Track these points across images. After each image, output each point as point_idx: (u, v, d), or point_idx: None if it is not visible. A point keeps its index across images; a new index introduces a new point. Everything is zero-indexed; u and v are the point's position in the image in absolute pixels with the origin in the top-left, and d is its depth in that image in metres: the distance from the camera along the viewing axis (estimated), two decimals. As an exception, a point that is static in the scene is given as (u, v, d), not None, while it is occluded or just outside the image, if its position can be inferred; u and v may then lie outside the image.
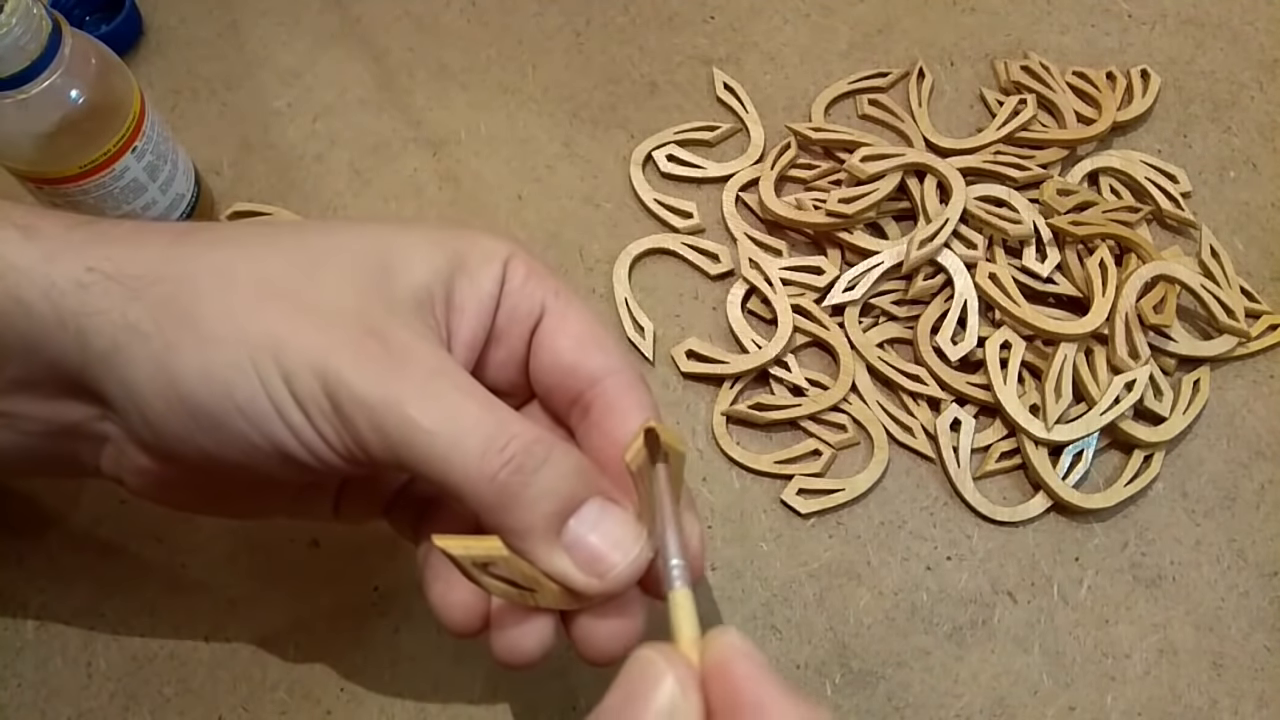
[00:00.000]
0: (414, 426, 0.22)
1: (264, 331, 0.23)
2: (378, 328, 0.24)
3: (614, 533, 0.24)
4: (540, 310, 0.27)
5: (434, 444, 0.22)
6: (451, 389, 0.23)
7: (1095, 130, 0.44)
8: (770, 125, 0.46)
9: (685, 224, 0.44)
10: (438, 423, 0.23)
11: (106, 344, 0.24)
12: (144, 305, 0.24)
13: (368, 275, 0.25)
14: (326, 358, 0.23)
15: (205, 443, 0.24)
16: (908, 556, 0.37)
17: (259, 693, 0.35)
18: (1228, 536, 0.38)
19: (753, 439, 0.40)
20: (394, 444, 0.23)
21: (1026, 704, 0.35)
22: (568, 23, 0.50)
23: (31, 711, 0.35)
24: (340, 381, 0.23)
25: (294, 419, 0.23)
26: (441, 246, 0.26)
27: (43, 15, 0.33)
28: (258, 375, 0.23)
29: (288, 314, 0.24)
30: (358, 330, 0.24)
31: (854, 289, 0.41)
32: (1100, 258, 0.41)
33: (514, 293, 0.27)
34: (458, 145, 0.46)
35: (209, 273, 0.24)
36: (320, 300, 0.24)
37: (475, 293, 0.26)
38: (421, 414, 0.22)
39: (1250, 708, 0.35)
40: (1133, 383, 0.38)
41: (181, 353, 0.23)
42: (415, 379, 0.23)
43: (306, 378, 0.23)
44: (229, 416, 0.23)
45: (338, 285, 0.24)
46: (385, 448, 0.23)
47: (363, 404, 0.23)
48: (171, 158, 0.40)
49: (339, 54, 0.49)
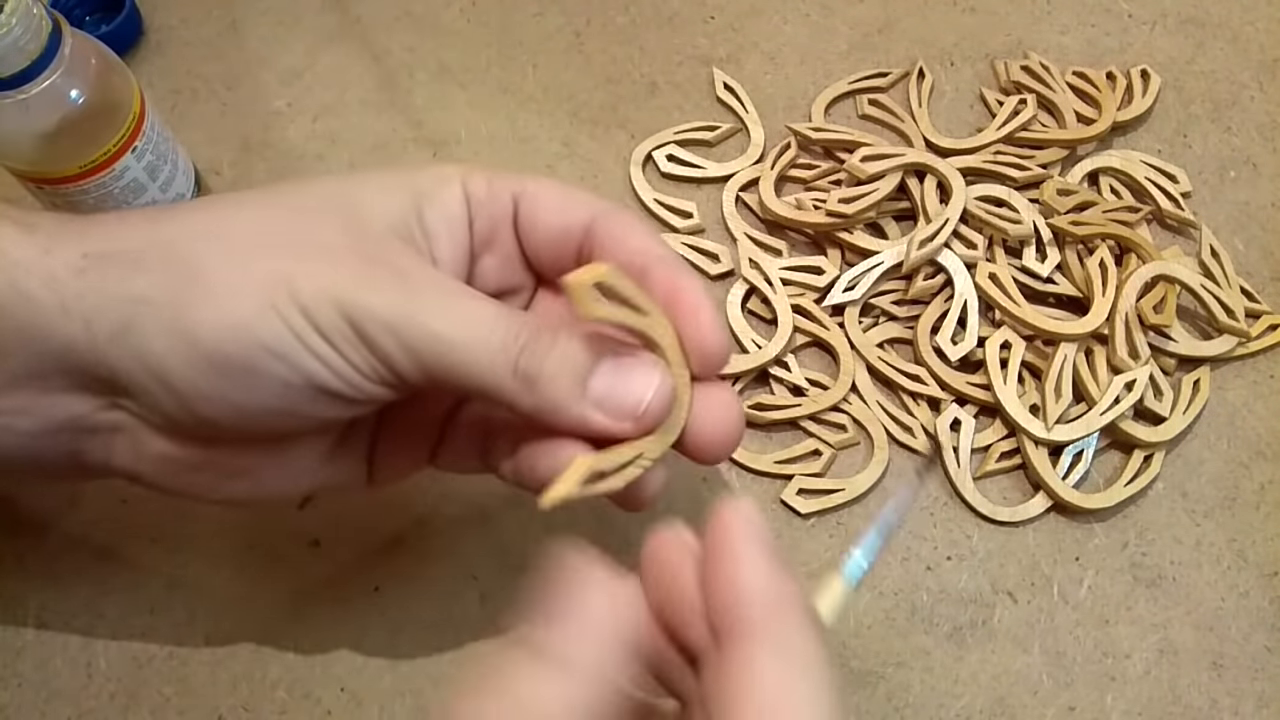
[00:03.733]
0: (436, 338, 0.24)
1: (272, 272, 0.24)
2: (376, 256, 0.25)
3: (631, 377, 0.26)
4: (514, 204, 0.29)
5: (457, 350, 0.24)
6: (460, 298, 0.25)
7: (1095, 130, 0.44)
8: (770, 125, 0.46)
9: (685, 224, 0.44)
10: (458, 330, 0.24)
11: (115, 323, 0.24)
12: (146, 277, 0.24)
13: (346, 218, 0.26)
14: (340, 286, 0.24)
15: (237, 396, 0.24)
16: (908, 556, 0.37)
17: (259, 693, 0.35)
18: (1228, 536, 0.38)
19: (753, 439, 0.40)
20: (421, 357, 0.24)
21: (1026, 704, 0.35)
22: (568, 23, 0.50)
23: (31, 711, 0.35)
24: (358, 306, 0.24)
25: (321, 350, 0.24)
26: (399, 186, 0.28)
27: (43, 15, 0.33)
28: (278, 313, 0.24)
29: (289, 254, 0.25)
30: (359, 260, 0.25)
31: (854, 289, 0.41)
32: (1100, 258, 0.41)
33: (483, 202, 0.28)
34: (458, 145, 0.46)
35: (201, 235, 0.25)
36: (314, 239, 0.25)
37: (444, 215, 0.28)
38: (442, 325, 0.24)
39: (1250, 708, 0.35)
40: (1133, 383, 0.38)
41: (196, 311, 0.24)
42: (427, 295, 0.25)
43: (325, 308, 0.24)
44: (259, 359, 0.24)
45: (324, 228, 0.26)
46: (413, 363, 0.24)
47: (385, 324, 0.24)
48: (171, 158, 0.40)
49: (339, 54, 0.49)
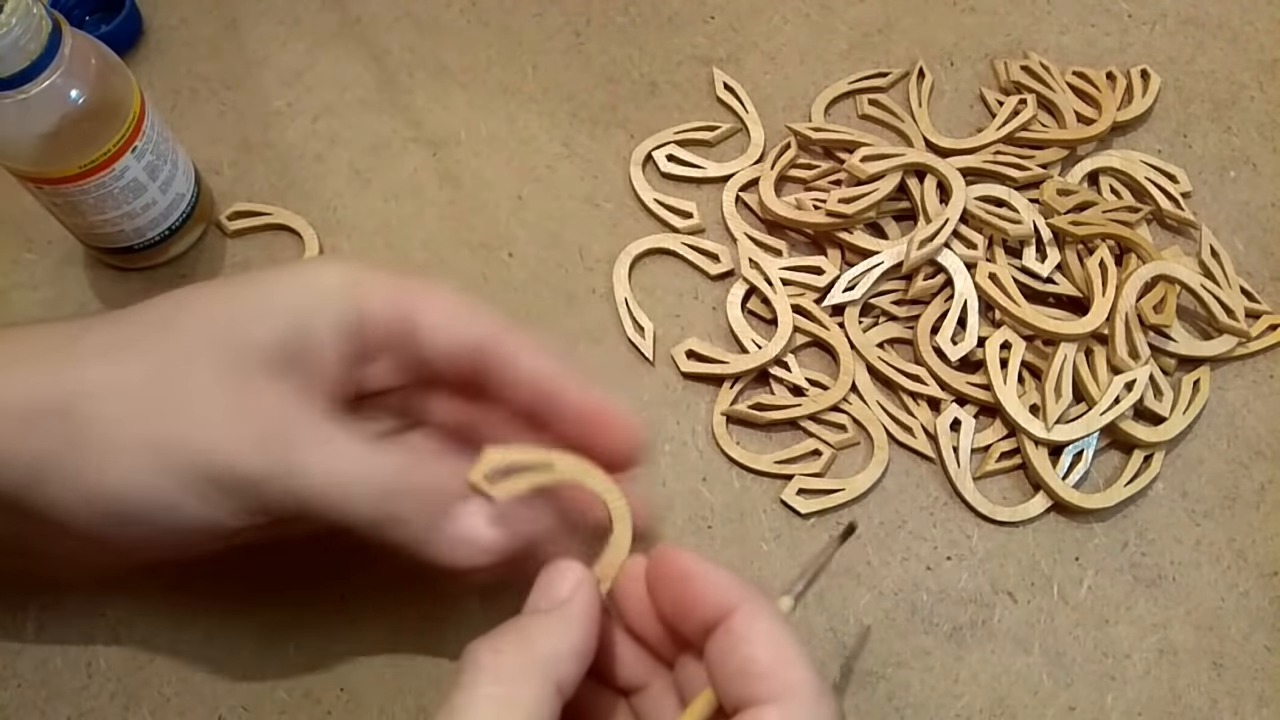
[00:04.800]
0: (309, 489, 0.27)
1: (153, 440, 0.27)
2: (248, 406, 0.27)
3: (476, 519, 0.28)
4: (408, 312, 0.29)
5: (328, 496, 0.27)
6: (325, 444, 0.27)
7: (1095, 130, 0.44)
8: (770, 125, 0.46)
9: (685, 224, 0.44)
10: (327, 479, 0.27)
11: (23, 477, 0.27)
12: (44, 440, 0.27)
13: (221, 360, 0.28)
14: (211, 451, 0.26)
15: (137, 534, 0.28)
16: (908, 556, 0.37)
17: (259, 693, 0.35)
18: (1228, 536, 0.38)
19: (753, 439, 0.40)
20: (296, 503, 0.27)
21: (1026, 704, 0.35)
22: (568, 23, 0.50)
23: (31, 711, 0.35)
24: (235, 467, 0.26)
25: (201, 511, 0.27)
26: (283, 300, 0.29)
27: (43, 15, 0.33)
28: (160, 479, 0.26)
29: (167, 419, 0.27)
30: (233, 416, 0.27)
31: (854, 289, 0.41)
32: (1100, 258, 0.41)
33: (378, 309, 0.29)
34: (458, 145, 0.46)
35: (89, 398, 0.27)
36: (189, 399, 0.27)
37: (333, 323, 0.28)
38: (312, 475, 0.27)
39: (1250, 708, 0.35)
40: (1133, 383, 0.38)
41: (93, 473, 0.27)
42: (297, 448, 0.27)
43: (201, 473, 0.26)
44: (152, 514, 0.27)
45: (200, 381, 0.27)
46: (282, 507, 0.27)
47: (261, 481, 0.27)
48: (171, 158, 0.40)
49: (339, 54, 0.49)
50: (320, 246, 0.43)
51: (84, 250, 0.43)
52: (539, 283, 0.43)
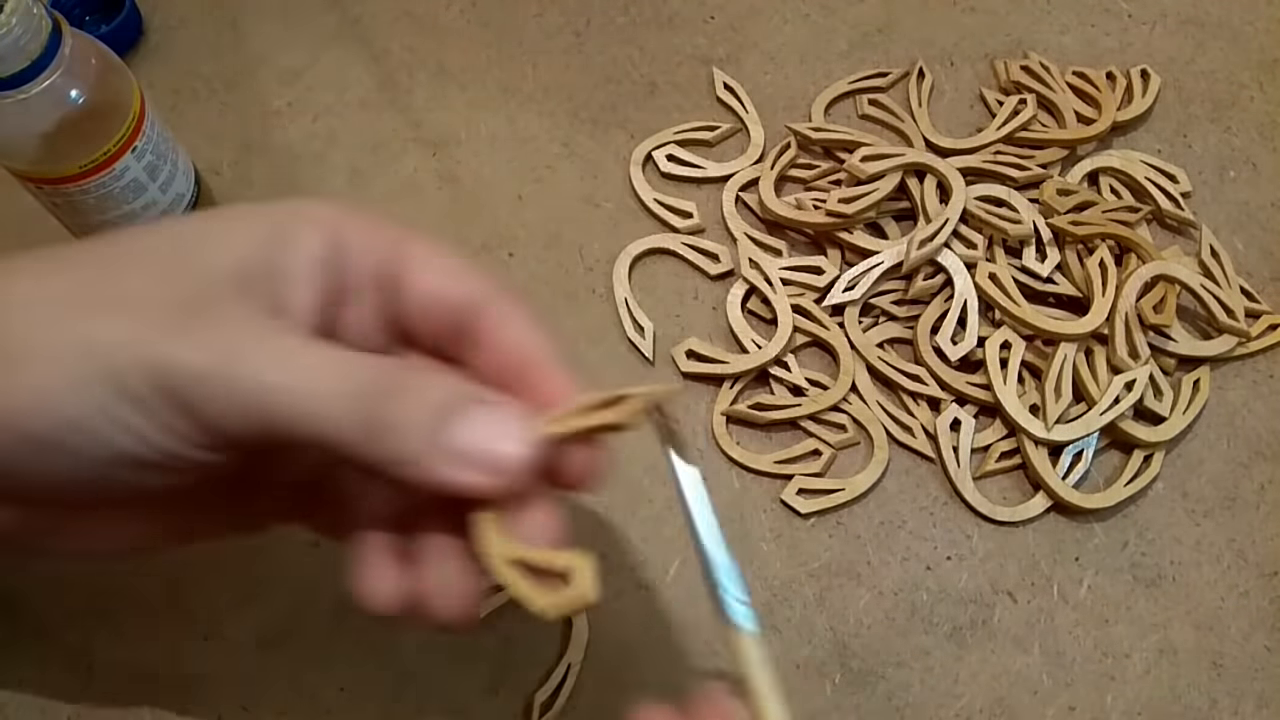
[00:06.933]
0: (265, 389, 0.21)
1: (78, 339, 0.22)
2: (196, 306, 0.23)
3: (497, 426, 0.23)
4: (394, 258, 0.26)
5: (289, 399, 0.21)
6: (295, 345, 0.22)
7: (1095, 130, 0.44)
8: (770, 125, 0.46)
9: (685, 224, 0.44)
10: (287, 376, 0.22)
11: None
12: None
13: (175, 264, 0.23)
14: (149, 344, 0.22)
15: (48, 469, 0.22)
16: (908, 556, 0.37)
17: (259, 693, 0.35)
18: (1228, 536, 0.38)
19: (753, 439, 0.40)
20: (248, 413, 0.21)
21: (1026, 704, 0.35)
22: (568, 23, 0.50)
23: (31, 711, 0.35)
24: (173, 365, 0.21)
25: (134, 422, 0.22)
26: (254, 222, 0.25)
27: (43, 15, 0.33)
28: (82, 386, 0.21)
29: (98, 314, 0.22)
30: (177, 313, 0.22)
31: (854, 289, 0.41)
32: (1100, 258, 0.41)
33: (357, 250, 0.26)
34: (458, 145, 0.46)
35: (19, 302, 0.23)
36: (127, 295, 0.23)
37: (300, 258, 0.25)
38: (267, 372, 0.21)
39: (1250, 708, 0.35)
40: (1133, 383, 0.38)
41: (5, 384, 0.22)
42: (252, 343, 0.22)
43: (135, 373, 0.21)
44: (65, 435, 0.22)
45: (143, 279, 0.23)
46: (241, 420, 0.22)
47: (204, 382, 0.21)
48: (171, 158, 0.40)
49: (339, 54, 0.49)
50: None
51: (84, 250, 0.43)
52: (539, 283, 0.43)
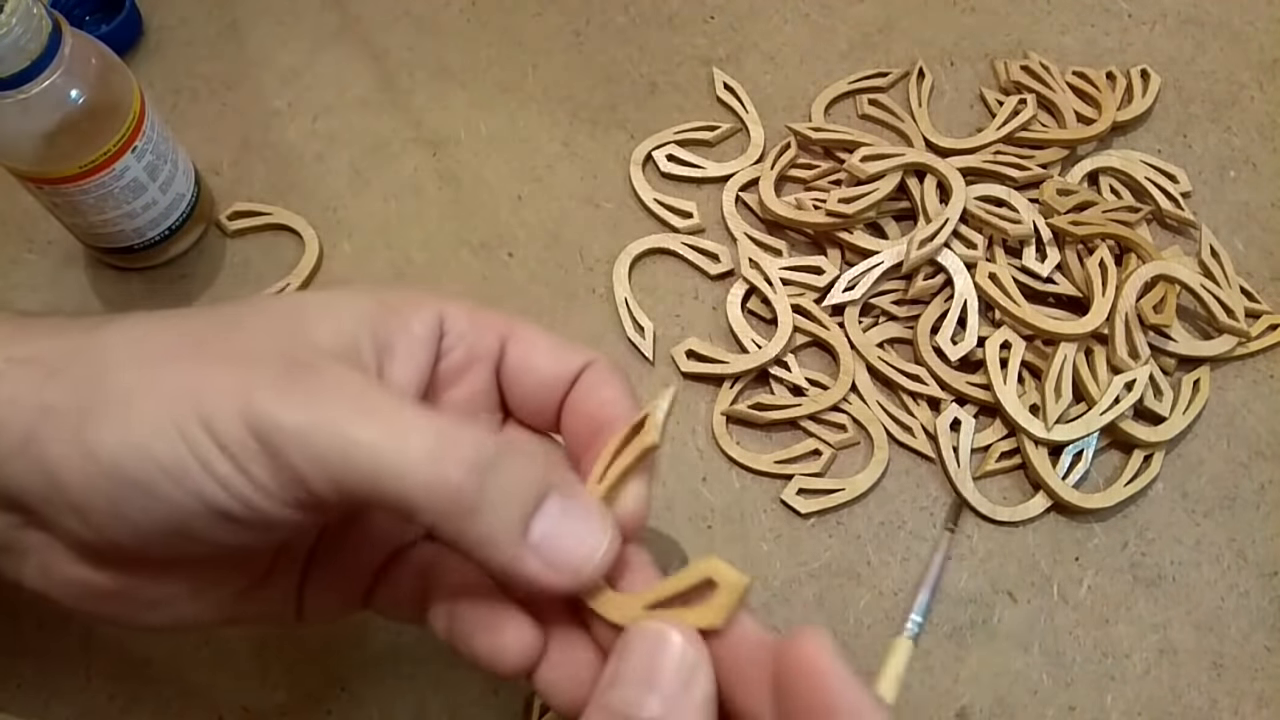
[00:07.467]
0: (352, 444, 0.21)
1: (179, 384, 0.22)
2: (299, 366, 0.23)
3: (580, 528, 0.23)
4: (500, 343, 0.27)
5: (378, 458, 0.21)
6: (385, 401, 0.22)
7: (1095, 130, 0.44)
8: (770, 125, 0.46)
9: (685, 224, 0.44)
10: (378, 435, 0.21)
11: (20, 433, 0.22)
12: (59, 384, 0.23)
13: (286, 325, 0.24)
14: (248, 395, 0.22)
15: (134, 515, 0.22)
16: (908, 556, 0.37)
17: (259, 693, 0.35)
18: (1228, 536, 0.38)
19: (753, 439, 0.40)
20: (334, 469, 0.21)
21: (1026, 704, 0.35)
22: (568, 23, 0.50)
23: (31, 711, 0.35)
24: (265, 415, 0.21)
25: (220, 470, 0.22)
26: (365, 297, 0.26)
27: (43, 15, 0.33)
28: (176, 428, 0.21)
29: (202, 363, 0.23)
30: (280, 364, 0.23)
31: (854, 289, 0.41)
32: (1100, 258, 0.41)
33: (462, 333, 0.26)
34: (458, 145, 0.46)
35: (123, 343, 0.23)
36: (235, 348, 0.23)
37: (406, 335, 0.25)
38: (359, 429, 0.21)
39: (1250, 708, 0.35)
40: (1133, 383, 0.38)
41: (96, 422, 0.22)
42: (347, 398, 0.22)
43: (228, 420, 0.21)
44: (153, 479, 0.22)
45: (253, 336, 0.24)
46: (326, 477, 0.21)
47: (293, 433, 0.21)
48: (171, 158, 0.40)
49: (339, 54, 0.49)
50: (320, 246, 0.43)
51: (84, 250, 0.43)
52: (539, 283, 0.43)
